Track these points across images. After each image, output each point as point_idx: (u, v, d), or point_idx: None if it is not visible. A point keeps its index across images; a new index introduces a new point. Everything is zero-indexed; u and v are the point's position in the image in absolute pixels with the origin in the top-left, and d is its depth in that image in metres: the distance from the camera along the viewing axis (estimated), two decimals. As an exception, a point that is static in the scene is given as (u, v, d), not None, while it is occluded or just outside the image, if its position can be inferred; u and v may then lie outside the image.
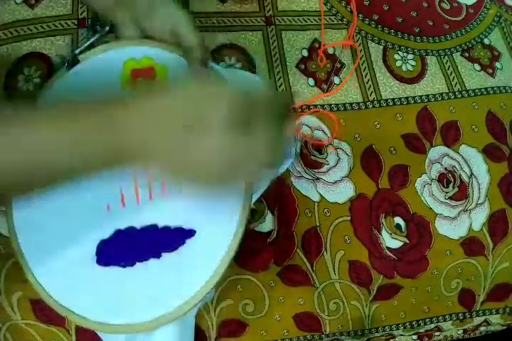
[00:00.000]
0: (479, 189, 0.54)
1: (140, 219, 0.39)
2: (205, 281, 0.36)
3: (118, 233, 0.39)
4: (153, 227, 0.38)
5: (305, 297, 0.47)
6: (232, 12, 0.54)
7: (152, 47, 0.42)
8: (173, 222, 0.38)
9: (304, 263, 0.48)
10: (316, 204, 0.49)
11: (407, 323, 0.51)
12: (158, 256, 0.38)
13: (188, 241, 0.38)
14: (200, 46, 0.40)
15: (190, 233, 0.38)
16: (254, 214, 0.47)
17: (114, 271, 0.38)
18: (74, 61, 0.42)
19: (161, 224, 0.39)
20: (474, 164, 0.54)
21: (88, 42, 0.43)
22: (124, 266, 0.38)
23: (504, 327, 0.56)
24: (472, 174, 0.54)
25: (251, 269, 0.46)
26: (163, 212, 0.39)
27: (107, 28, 0.43)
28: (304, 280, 0.48)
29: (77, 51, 0.43)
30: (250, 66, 0.52)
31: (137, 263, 0.38)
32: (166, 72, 0.42)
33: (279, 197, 0.48)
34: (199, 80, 0.32)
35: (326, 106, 0.52)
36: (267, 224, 0.47)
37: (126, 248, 0.39)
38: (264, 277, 0.47)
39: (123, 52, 0.42)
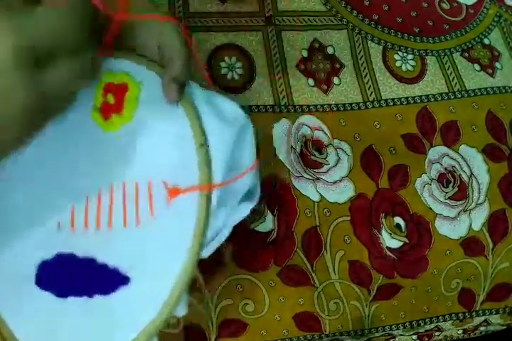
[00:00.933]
0: (479, 189, 0.54)
1: (83, 247, 0.36)
2: (136, 334, 0.34)
3: (59, 257, 0.36)
4: (92, 261, 0.36)
5: (305, 297, 0.47)
6: (232, 12, 0.54)
7: (133, 62, 0.39)
8: (112, 261, 0.36)
9: (303, 263, 0.48)
10: (316, 204, 0.49)
11: (407, 323, 0.51)
12: (90, 295, 0.35)
13: (121, 288, 0.35)
14: (181, 60, 0.35)
15: (124, 280, 0.35)
16: (254, 214, 0.47)
17: (50, 298, 0.36)
18: None
19: (100, 259, 0.36)
20: (474, 164, 0.54)
21: None
22: (57, 296, 0.36)
23: (504, 327, 0.56)
24: (472, 174, 0.54)
25: (251, 269, 0.46)
26: (106, 245, 0.36)
27: None
28: (304, 280, 0.48)
29: None
30: (250, 66, 0.52)
31: (69, 297, 0.35)
32: (139, 90, 0.38)
33: (279, 197, 0.48)
34: None
35: (325, 106, 0.52)
36: (267, 224, 0.47)
37: (64, 276, 0.36)
38: (264, 277, 0.47)
39: (105, 62, 0.39)
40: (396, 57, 0.57)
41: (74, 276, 0.36)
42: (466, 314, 0.53)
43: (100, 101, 0.39)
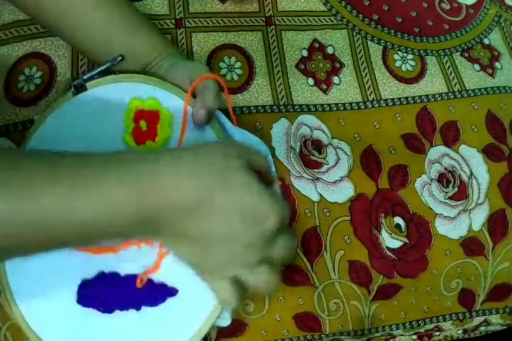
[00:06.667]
0: (479, 189, 0.54)
1: (125, 266, 0.39)
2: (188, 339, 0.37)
3: (102, 275, 0.38)
4: (135, 278, 0.38)
5: (305, 297, 0.47)
6: (232, 12, 0.54)
7: (161, 89, 0.41)
8: (157, 277, 0.38)
9: (303, 263, 0.48)
10: (315, 204, 0.49)
11: (407, 323, 0.51)
12: (138, 308, 0.38)
13: (169, 299, 0.38)
14: (214, 91, 0.40)
15: (172, 292, 0.38)
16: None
17: (93, 313, 0.38)
18: (81, 87, 0.41)
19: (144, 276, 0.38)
20: (474, 164, 0.54)
21: (98, 70, 0.41)
22: (102, 311, 0.38)
23: (504, 327, 0.56)
24: (472, 174, 0.54)
25: (251, 269, 0.46)
26: (148, 263, 0.39)
27: (119, 58, 0.42)
28: (304, 280, 0.48)
29: (86, 77, 0.41)
30: (250, 66, 0.52)
31: (116, 311, 0.38)
32: (171, 119, 0.41)
33: (279, 197, 0.48)
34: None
35: (325, 105, 0.52)
36: (267, 224, 0.47)
37: (108, 293, 0.38)
38: (264, 277, 0.47)
39: (132, 87, 0.41)
40: (396, 57, 0.57)
41: (119, 292, 0.38)
42: (466, 314, 0.53)
43: (131, 126, 0.41)
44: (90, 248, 0.39)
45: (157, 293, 0.38)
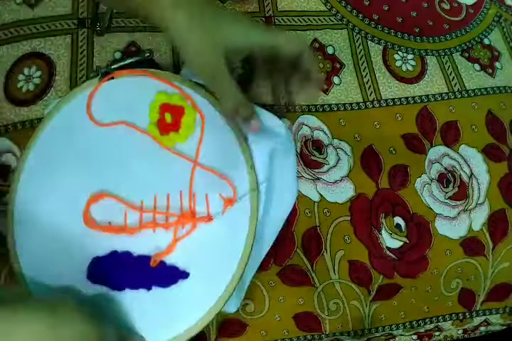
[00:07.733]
0: (479, 189, 0.54)
1: (138, 246, 0.39)
2: (196, 321, 0.37)
3: (113, 254, 0.39)
4: (149, 259, 0.39)
5: (305, 297, 0.47)
6: (232, 12, 0.54)
7: (186, 87, 0.42)
8: (169, 259, 0.39)
9: (303, 263, 0.48)
10: (316, 204, 0.49)
11: (407, 323, 0.51)
12: (148, 288, 0.38)
13: (180, 281, 0.38)
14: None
15: (184, 275, 0.38)
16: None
17: (103, 290, 0.38)
18: (107, 74, 0.42)
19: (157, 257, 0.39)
20: (474, 164, 0.54)
21: (127, 61, 0.43)
22: (112, 289, 0.38)
23: (504, 327, 0.56)
24: (472, 174, 0.54)
25: (251, 269, 0.46)
26: (162, 246, 0.39)
27: (147, 54, 0.44)
28: (303, 280, 0.48)
29: (114, 66, 0.43)
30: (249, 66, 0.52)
31: (127, 289, 0.38)
32: (195, 115, 0.42)
33: (279, 197, 0.48)
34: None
35: (325, 106, 0.52)
36: (267, 224, 0.47)
37: (119, 271, 0.39)
38: (264, 277, 0.47)
39: (158, 82, 0.43)
40: (396, 57, 0.57)
41: (130, 272, 0.39)
42: (466, 314, 0.53)
43: (156, 118, 0.42)
44: (107, 227, 0.40)
45: (168, 275, 0.38)
